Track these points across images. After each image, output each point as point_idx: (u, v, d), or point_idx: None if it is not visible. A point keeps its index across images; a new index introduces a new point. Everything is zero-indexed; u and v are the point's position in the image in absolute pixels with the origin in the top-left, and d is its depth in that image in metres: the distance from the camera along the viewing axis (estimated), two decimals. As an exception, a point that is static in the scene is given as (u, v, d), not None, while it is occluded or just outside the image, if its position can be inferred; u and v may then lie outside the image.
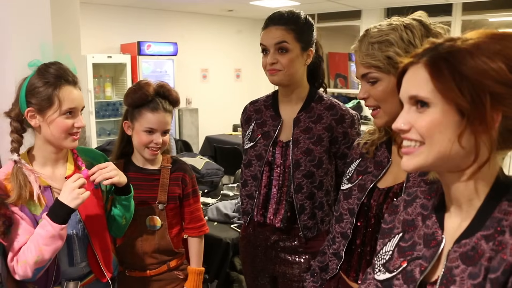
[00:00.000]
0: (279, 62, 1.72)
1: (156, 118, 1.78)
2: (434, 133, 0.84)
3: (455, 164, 0.85)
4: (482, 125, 0.80)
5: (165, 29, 7.47)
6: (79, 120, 1.54)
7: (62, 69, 1.52)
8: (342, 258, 1.40)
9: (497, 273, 0.76)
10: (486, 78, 0.79)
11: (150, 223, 1.83)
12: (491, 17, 7.05)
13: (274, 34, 1.72)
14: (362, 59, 1.23)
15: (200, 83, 8.20)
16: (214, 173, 3.90)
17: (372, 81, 1.25)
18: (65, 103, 1.49)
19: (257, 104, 1.96)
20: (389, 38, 1.21)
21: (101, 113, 6.48)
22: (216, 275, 2.82)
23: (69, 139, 1.53)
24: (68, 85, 1.51)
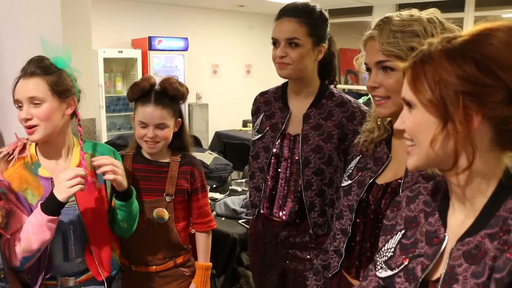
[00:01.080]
0: (289, 56, 1.69)
1: (146, 112, 1.78)
2: (417, 134, 0.87)
3: (442, 163, 0.86)
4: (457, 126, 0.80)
5: (176, 24, 7.47)
6: (21, 113, 1.48)
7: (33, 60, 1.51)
8: (343, 255, 1.40)
9: (503, 273, 0.75)
10: (458, 79, 0.79)
11: (158, 215, 1.84)
12: (504, 13, 6.95)
13: (287, 27, 1.69)
14: (382, 46, 1.20)
15: (210, 79, 8.20)
16: (223, 169, 3.91)
17: (387, 70, 1.22)
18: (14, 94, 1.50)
19: (266, 95, 1.94)
20: (414, 29, 1.19)
21: (111, 107, 6.52)
22: (223, 270, 2.83)
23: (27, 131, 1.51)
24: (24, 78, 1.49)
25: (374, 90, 1.26)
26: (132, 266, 1.88)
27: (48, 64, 1.52)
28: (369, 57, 1.26)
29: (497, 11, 6.88)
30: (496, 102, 0.79)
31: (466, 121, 0.80)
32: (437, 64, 0.82)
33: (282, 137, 1.80)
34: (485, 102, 0.79)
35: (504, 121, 0.80)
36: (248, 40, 8.70)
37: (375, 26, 1.26)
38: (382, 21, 1.24)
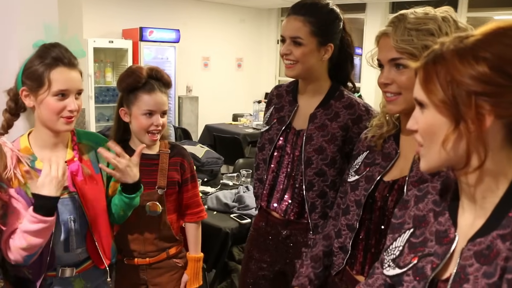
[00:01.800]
0: (293, 53, 1.68)
1: (154, 99, 1.76)
2: (429, 134, 0.86)
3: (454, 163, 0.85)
4: (469, 126, 0.79)
5: (168, 16, 7.42)
6: (72, 103, 1.48)
7: (60, 50, 1.48)
8: (349, 251, 1.39)
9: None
10: (470, 79, 0.79)
11: (151, 209, 1.81)
12: (496, 14, 7.02)
13: (291, 25, 1.67)
14: (397, 43, 1.19)
15: (201, 71, 8.17)
16: (214, 162, 3.87)
17: (400, 67, 1.22)
18: (55, 84, 1.44)
19: (280, 89, 1.93)
20: (429, 27, 1.18)
21: (100, 98, 6.45)
22: (214, 264, 2.80)
23: (61, 122, 1.48)
24: (63, 67, 1.47)
25: (386, 87, 1.25)
26: (124, 259, 1.85)
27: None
28: (383, 54, 1.26)
29: (489, 12, 6.94)
30: (508, 101, 0.78)
31: (478, 120, 0.79)
32: (449, 64, 0.81)
33: (287, 131, 1.79)
34: (497, 101, 0.78)
35: None
36: (239, 33, 8.68)
37: (390, 23, 1.24)
38: (397, 18, 1.23)
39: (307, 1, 1.69)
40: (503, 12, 6.81)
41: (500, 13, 6.88)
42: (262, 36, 9.10)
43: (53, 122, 1.48)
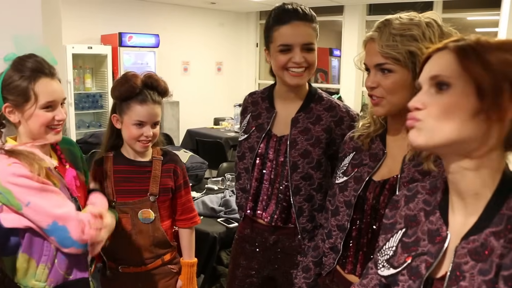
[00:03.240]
0: (306, 60, 1.65)
1: (145, 111, 1.74)
2: (448, 114, 0.85)
3: (463, 148, 0.86)
4: (496, 112, 0.82)
5: (147, 21, 7.38)
6: (60, 112, 1.49)
7: (37, 61, 1.47)
8: (340, 251, 1.41)
9: (511, 270, 0.77)
10: (510, 67, 0.81)
11: (143, 216, 1.81)
12: (470, 15, 7.18)
13: (304, 31, 1.63)
14: (382, 48, 1.22)
15: (181, 76, 8.14)
16: (199, 167, 3.88)
17: (385, 72, 1.25)
18: (42, 97, 1.45)
19: (255, 96, 1.91)
20: (413, 33, 1.21)
21: (80, 105, 6.38)
22: (202, 269, 2.81)
23: (51, 133, 1.50)
24: (45, 78, 1.46)
25: (372, 90, 1.29)
26: (119, 267, 1.84)
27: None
28: (369, 58, 1.29)
29: (463, 14, 7.09)
30: None
31: (506, 108, 0.82)
32: (487, 51, 0.84)
33: (268, 138, 1.78)
34: None
35: None
36: (219, 37, 8.68)
37: (376, 28, 1.28)
38: (382, 24, 1.26)
39: (304, 8, 1.68)
40: (476, 13, 6.98)
41: (474, 14, 7.05)
42: (241, 39, 9.12)
43: (42, 134, 1.48)
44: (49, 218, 1.39)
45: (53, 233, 1.41)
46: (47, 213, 1.39)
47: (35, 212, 1.38)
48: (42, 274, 1.45)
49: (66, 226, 1.41)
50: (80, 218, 1.45)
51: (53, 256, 1.46)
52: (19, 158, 1.41)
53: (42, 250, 1.45)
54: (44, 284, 1.46)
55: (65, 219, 1.41)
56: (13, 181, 1.37)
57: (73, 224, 1.42)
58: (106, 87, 6.46)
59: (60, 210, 1.41)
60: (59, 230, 1.41)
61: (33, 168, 1.39)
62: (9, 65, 1.47)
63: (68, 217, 1.42)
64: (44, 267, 1.45)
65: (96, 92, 6.58)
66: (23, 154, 1.42)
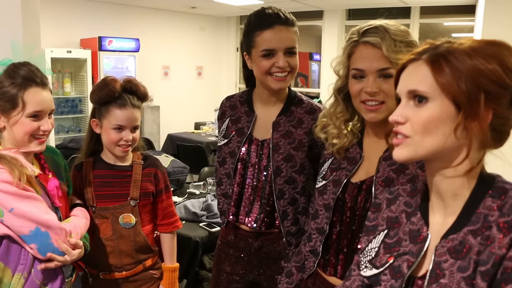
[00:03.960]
0: (290, 65, 1.65)
1: (125, 115, 1.74)
2: (430, 128, 0.88)
3: (446, 159, 0.90)
4: (475, 121, 0.85)
5: (127, 25, 7.34)
6: (46, 123, 1.50)
7: (31, 70, 1.48)
8: (320, 254, 1.42)
9: (487, 266, 0.81)
10: (482, 77, 0.84)
11: (124, 220, 1.80)
12: (446, 21, 7.33)
13: (286, 36, 1.64)
14: (390, 53, 1.24)
15: (161, 80, 8.11)
16: (180, 171, 3.87)
17: (387, 76, 1.27)
18: (30, 106, 1.45)
19: (232, 99, 1.89)
20: (412, 40, 1.26)
21: (59, 109, 6.30)
22: (185, 274, 2.80)
23: (35, 142, 1.49)
24: (36, 87, 1.47)
25: (374, 95, 1.28)
26: (100, 274, 1.83)
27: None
28: (368, 63, 1.28)
29: (440, 19, 7.24)
30: (504, 103, 0.86)
31: (484, 116, 0.85)
32: (460, 60, 0.86)
33: (249, 142, 1.77)
34: (498, 101, 0.85)
35: (504, 122, 0.88)
36: (199, 42, 8.69)
37: (370, 33, 1.28)
38: (378, 30, 1.27)
39: (285, 12, 1.68)
40: (452, 19, 7.13)
41: (449, 20, 7.21)
42: (221, 44, 9.13)
43: (25, 143, 1.48)
44: (32, 224, 1.38)
45: (34, 240, 1.40)
46: (31, 218, 1.38)
47: (18, 218, 1.37)
48: (17, 284, 1.42)
49: (48, 233, 1.40)
50: (61, 226, 1.44)
51: (30, 266, 1.44)
52: (1, 163, 1.40)
53: (19, 259, 1.43)
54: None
55: (48, 226, 1.41)
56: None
57: (56, 231, 1.42)
58: (85, 91, 6.39)
59: (44, 216, 1.41)
60: (41, 236, 1.40)
61: (14, 174, 1.38)
62: (3, 70, 1.48)
63: (51, 224, 1.41)
64: (20, 276, 1.42)
65: (75, 97, 6.51)
66: (5, 159, 1.41)
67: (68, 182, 1.72)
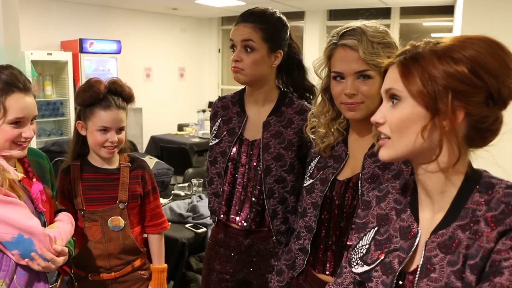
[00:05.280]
0: (243, 60, 1.69)
1: (109, 116, 1.75)
2: (402, 127, 0.92)
3: (424, 157, 0.93)
4: (446, 120, 0.87)
5: (108, 27, 7.29)
6: (28, 130, 1.45)
7: (13, 74, 1.42)
8: (309, 252, 1.44)
9: (476, 259, 0.83)
10: (449, 77, 0.87)
11: (113, 223, 1.80)
12: (425, 21, 7.43)
13: (242, 31, 1.69)
14: (365, 55, 1.26)
15: (143, 82, 8.07)
16: (165, 173, 3.86)
17: (365, 78, 1.29)
18: (11, 112, 1.40)
19: (224, 100, 1.91)
20: (390, 41, 1.28)
21: (40, 112, 6.21)
22: (172, 275, 2.80)
23: (16, 149, 1.45)
24: (19, 93, 1.42)
25: (352, 97, 1.31)
26: (89, 275, 1.83)
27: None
28: (346, 66, 1.30)
29: (419, 19, 7.34)
30: (477, 102, 0.87)
31: (453, 115, 0.87)
32: (429, 62, 0.88)
33: (240, 142, 1.79)
34: (469, 100, 0.87)
35: (481, 120, 0.89)
36: (181, 43, 8.67)
37: (348, 35, 1.30)
38: (356, 32, 1.29)
39: (255, 9, 1.72)
40: (431, 19, 7.24)
41: (429, 20, 7.31)
42: (203, 45, 9.12)
43: (7, 149, 1.44)
44: (14, 230, 1.36)
45: (17, 246, 1.38)
46: (13, 225, 1.36)
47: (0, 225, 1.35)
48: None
49: (32, 239, 1.39)
50: (46, 233, 1.43)
51: (12, 272, 1.41)
52: None
53: (1, 265, 1.40)
54: None
55: (31, 232, 1.38)
56: None
57: (39, 238, 1.40)
58: (67, 94, 6.32)
59: (27, 222, 1.39)
60: (24, 243, 1.38)
61: None
62: None
63: (35, 231, 1.39)
64: (2, 283, 1.40)
65: (56, 100, 6.43)
66: None
67: (52, 185, 1.70)
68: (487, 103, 0.88)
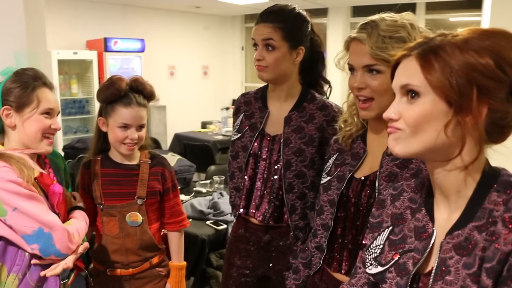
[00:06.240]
0: (265, 59, 1.70)
1: (130, 113, 1.76)
2: (422, 124, 0.86)
3: (442, 154, 0.88)
4: (469, 116, 0.83)
5: (132, 26, 7.37)
6: (56, 122, 1.55)
7: (39, 72, 1.55)
8: (325, 250, 1.43)
9: (493, 262, 0.79)
10: (474, 71, 0.82)
11: (131, 219, 1.82)
12: (452, 17, 7.27)
13: (262, 31, 1.70)
14: (373, 50, 1.23)
15: (167, 80, 8.13)
16: (187, 170, 3.88)
17: (374, 72, 1.26)
18: (43, 103, 1.51)
19: (247, 96, 1.93)
20: (402, 35, 1.23)
21: (67, 110, 6.34)
22: (192, 272, 2.81)
23: (44, 142, 1.52)
24: (46, 87, 1.54)
25: (360, 91, 1.29)
26: (107, 270, 1.85)
27: None
28: (356, 59, 1.29)
29: (445, 15, 7.19)
30: (501, 97, 0.83)
31: (477, 111, 0.82)
32: (450, 55, 0.83)
33: (261, 137, 1.80)
34: (493, 95, 0.82)
35: (503, 116, 0.85)
36: (204, 41, 8.70)
37: (361, 29, 1.28)
38: (369, 25, 1.26)
39: (274, 8, 1.72)
40: (458, 14, 7.07)
41: (456, 15, 7.15)
42: (227, 43, 9.14)
43: (37, 141, 1.51)
44: (35, 224, 1.39)
45: (36, 240, 1.40)
46: (35, 218, 1.39)
47: (22, 218, 1.38)
48: (11, 284, 1.43)
49: (51, 234, 1.41)
50: (65, 227, 1.45)
51: (26, 267, 1.45)
52: (9, 162, 1.41)
53: (15, 260, 1.43)
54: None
55: (51, 227, 1.41)
56: (1, 186, 1.36)
57: (58, 232, 1.42)
58: (92, 92, 6.42)
59: (47, 217, 1.42)
60: (44, 236, 1.41)
61: (23, 174, 1.39)
62: (8, 76, 1.52)
63: (54, 225, 1.42)
64: (15, 277, 1.43)
65: (82, 98, 6.54)
66: (13, 159, 1.42)
67: (67, 183, 1.74)
68: (508, 99, 0.84)
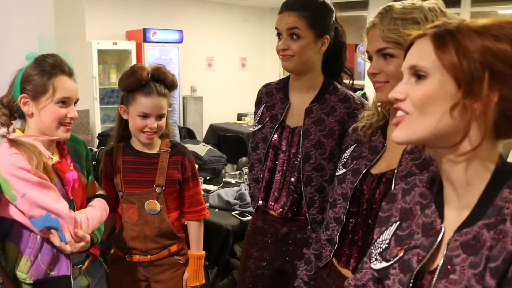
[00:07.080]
0: (291, 48, 1.67)
1: (150, 102, 1.76)
2: (427, 104, 0.82)
3: (445, 140, 0.84)
4: (478, 103, 0.79)
5: (170, 17, 7.45)
6: (72, 111, 1.55)
7: (59, 60, 1.55)
8: (336, 243, 1.39)
9: (497, 262, 0.74)
10: (489, 54, 0.78)
11: (149, 207, 1.83)
12: (500, 9, 6.97)
13: (287, 20, 1.67)
14: (383, 32, 1.21)
15: (205, 71, 8.19)
16: (217, 161, 3.90)
17: (387, 57, 1.23)
18: (59, 92, 1.51)
19: (269, 87, 1.92)
20: (415, 16, 1.19)
21: (105, 99, 6.49)
22: (215, 261, 2.82)
23: (61, 129, 1.54)
24: (64, 75, 1.53)
25: (375, 76, 1.26)
26: (126, 256, 1.87)
27: None
28: (370, 45, 1.27)
29: (493, 7, 6.89)
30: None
31: (487, 97, 0.78)
32: (466, 36, 0.80)
33: (281, 129, 1.78)
34: (506, 82, 0.78)
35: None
36: (243, 33, 8.70)
37: (377, 14, 1.26)
38: (384, 9, 1.24)
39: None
40: (507, 6, 6.77)
41: (505, 7, 6.84)
42: (265, 35, 9.10)
43: (53, 129, 1.53)
44: (43, 211, 1.42)
45: (44, 224, 1.43)
46: (41, 206, 1.42)
47: (29, 204, 1.41)
48: (24, 266, 1.48)
49: (58, 220, 1.44)
50: (72, 215, 1.47)
51: (37, 250, 1.49)
52: (20, 149, 1.44)
53: (27, 243, 1.48)
54: (25, 276, 1.49)
55: (58, 214, 1.44)
56: (11, 172, 1.40)
57: (65, 219, 1.45)
58: (130, 82, 6.55)
59: (55, 205, 1.44)
60: (51, 221, 1.43)
61: (32, 161, 1.42)
62: (31, 61, 1.54)
63: (61, 213, 1.44)
64: (27, 259, 1.48)
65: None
66: (24, 146, 1.45)
67: (88, 171, 1.75)
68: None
